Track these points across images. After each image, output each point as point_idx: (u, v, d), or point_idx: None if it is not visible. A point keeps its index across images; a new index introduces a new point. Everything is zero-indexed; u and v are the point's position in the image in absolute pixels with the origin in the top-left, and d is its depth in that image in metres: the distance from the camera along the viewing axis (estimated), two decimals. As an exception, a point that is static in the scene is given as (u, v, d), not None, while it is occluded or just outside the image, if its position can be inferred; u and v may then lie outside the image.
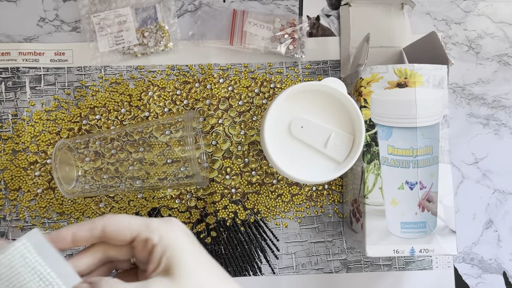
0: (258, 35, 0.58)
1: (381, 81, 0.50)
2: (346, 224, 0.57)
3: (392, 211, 0.49)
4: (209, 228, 0.57)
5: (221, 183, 0.58)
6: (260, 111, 0.59)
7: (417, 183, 0.49)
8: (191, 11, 0.60)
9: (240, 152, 0.58)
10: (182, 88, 0.58)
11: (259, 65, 0.59)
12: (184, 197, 0.57)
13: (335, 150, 0.48)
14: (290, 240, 0.58)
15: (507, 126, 0.61)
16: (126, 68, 0.58)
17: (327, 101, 0.49)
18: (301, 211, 0.58)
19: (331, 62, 0.60)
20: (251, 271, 0.57)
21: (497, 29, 0.62)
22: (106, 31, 0.57)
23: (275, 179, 0.58)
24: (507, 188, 0.60)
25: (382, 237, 0.49)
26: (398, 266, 0.58)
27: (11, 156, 0.56)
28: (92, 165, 0.53)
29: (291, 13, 0.60)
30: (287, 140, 0.48)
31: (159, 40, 0.57)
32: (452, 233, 0.49)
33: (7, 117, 0.57)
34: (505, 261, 0.59)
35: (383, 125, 0.50)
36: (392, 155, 0.49)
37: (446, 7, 0.62)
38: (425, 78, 0.49)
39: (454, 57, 0.61)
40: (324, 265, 0.58)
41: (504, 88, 0.61)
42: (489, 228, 0.60)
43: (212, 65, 0.59)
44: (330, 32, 0.60)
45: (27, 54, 0.57)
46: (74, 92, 0.58)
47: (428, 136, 0.49)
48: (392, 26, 0.59)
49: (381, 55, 0.59)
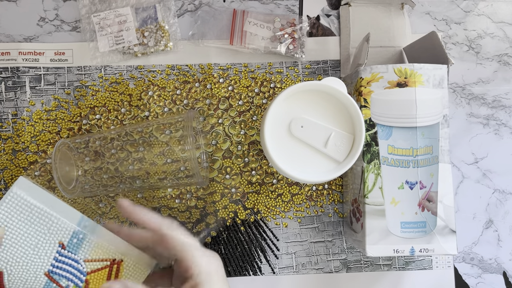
0: (258, 35, 0.58)
1: (381, 81, 0.50)
2: (346, 224, 0.57)
3: (392, 211, 0.49)
4: (209, 228, 0.57)
5: (221, 182, 0.58)
6: (260, 111, 0.59)
7: (417, 182, 0.49)
8: (191, 11, 0.60)
9: (240, 152, 0.58)
10: (182, 88, 0.58)
11: (259, 65, 0.59)
12: (184, 196, 0.57)
13: (335, 149, 0.48)
14: (290, 240, 0.58)
15: (507, 126, 0.61)
16: (126, 67, 0.58)
17: (327, 101, 0.49)
18: (301, 210, 0.58)
19: (331, 62, 0.60)
20: (251, 270, 0.57)
21: (497, 29, 0.62)
22: (106, 31, 0.57)
23: (275, 179, 0.58)
24: (507, 188, 0.60)
25: (382, 236, 0.49)
26: (398, 266, 0.58)
27: (11, 156, 0.56)
28: (92, 165, 0.53)
29: (291, 13, 0.60)
30: (287, 139, 0.48)
31: (159, 40, 0.57)
32: (452, 233, 0.49)
33: (7, 116, 0.57)
34: (505, 261, 0.59)
35: (383, 125, 0.50)
36: (392, 155, 0.49)
37: (446, 7, 0.62)
38: (425, 78, 0.49)
39: (454, 57, 0.61)
40: (324, 265, 0.58)
41: (504, 88, 0.61)
42: (489, 228, 0.60)
43: (212, 65, 0.59)
44: (330, 32, 0.60)
45: (27, 53, 0.57)
46: (74, 92, 0.58)
47: (428, 136, 0.49)
48: (392, 26, 0.60)
49: (381, 55, 0.59)
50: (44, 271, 0.39)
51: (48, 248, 0.39)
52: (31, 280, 0.39)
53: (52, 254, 0.39)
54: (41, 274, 0.39)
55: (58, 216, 0.39)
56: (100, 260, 0.41)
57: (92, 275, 0.40)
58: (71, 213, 0.40)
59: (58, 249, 0.39)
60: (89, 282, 0.40)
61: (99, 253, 0.41)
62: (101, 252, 0.41)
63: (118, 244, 0.41)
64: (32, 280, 0.39)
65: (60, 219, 0.39)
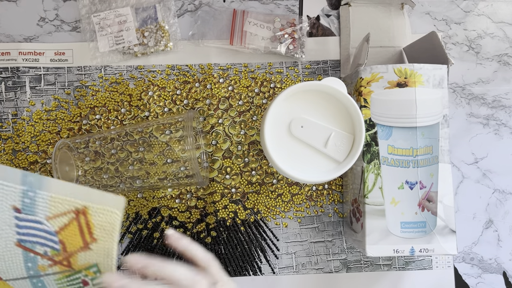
0: (258, 35, 0.58)
1: (381, 81, 0.50)
2: (346, 224, 0.57)
3: (392, 211, 0.49)
4: (209, 227, 0.57)
5: (221, 182, 0.58)
6: (260, 111, 0.59)
7: (417, 182, 0.49)
8: (191, 11, 0.60)
9: (240, 152, 0.58)
10: (182, 88, 0.58)
11: (259, 65, 0.59)
12: (184, 196, 0.57)
13: (335, 149, 0.48)
14: (290, 240, 0.58)
15: (507, 126, 0.61)
16: (126, 68, 0.58)
17: (327, 101, 0.49)
18: (301, 210, 0.58)
19: (331, 62, 0.60)
20: (251, 270, 0.57)
21: (497, 29, 0.62)
22: (106, 31, 0.57)
23: (275, 179, 0.58)
24: (507, 188, 0.60)
25: (382, 236, 0.49)
26: (398, 266, 0.58)
27: (11, 156, 0.56)
28: (92, 165, 0.53)
29: (291, 13, 0.60)
30: (287, 140, 0.48)
31: (159, 40, 0.57)
32: (452, 233, 0.49)
33: (7, 117, 0.57)
34: (505, 261, 0.59)
35: (383, 125, 0.50)
36: (392, 155, 0.49)
37: (446, 7, 0.62)
38: (425, 78, 0.49)
39: (454, 57, 0.61)
40: (324, 265, 0.58)
41: (504, 88, 0.61)
42: (489, 228, 0.60)
43: (212, 65, 0.59)
44: (330, 32, 0.60)
45: (27, 54, 0.57)
46: (74, 92, 0.58)
47: (428, 136, 0.49)
48: (392, 26, 0.60)
49: (381, 55, 0.59)
50: (14, 242, 0.36)
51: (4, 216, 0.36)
52: (6, 256, 0.37)
53: (12, 221, 0.36)
54: (12, 246, 0.36)
55: None
56: (62, 214, 0.36)
57: (63, 234, 0.37)
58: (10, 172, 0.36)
59: (15, 215, 0.36)
60: (64, 242, 0.37)
61: (58, 207, 0.36)
62: (60, 206, 0.36)
63: (74, 192, 0.37)
64: (8, 255, 0.37)
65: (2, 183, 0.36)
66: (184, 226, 0.57)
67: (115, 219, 0.37)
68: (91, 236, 0.37)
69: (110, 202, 0.37)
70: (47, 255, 0.37)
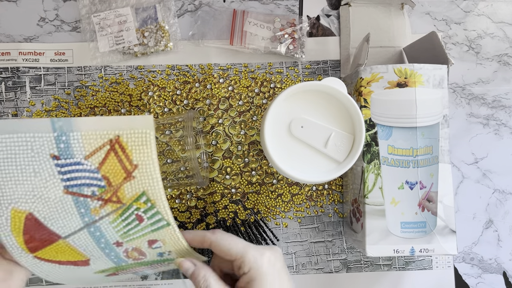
0: (258, 35, 0.58)
1: (381, 81, 0.50)
2: (346, 224, 0.57)
3: (392, 211, 0.49)
4: (209, 228, 0.57)
5: (221, 183, 0.58)
6: (260, 111, 0.59)
7: (417, 182, 0.49)
8: (191, 11, 0.60)
9: (240, 152, 0.58)
10: (182, 88, 0.58)
11: (259, 65, 0.59)
12: (184, 197, 0.57)
13: (335, 150, 0.48)
14: (290, 240, 0.58)
15: (507, 126, 0.61)
16: (126, 68, 0.58)
17: (327, 101, 0.49)
18: (301, 211, 0.58)
19: (331, 62, 0.60)
20: (251, 271, 0.57)
21: (497, 29, 0.62)
22: (106, 31, 0.57)
23: (275, 179, 0.58)
24: (507, 188, 0.60)
25: (382, 237, 0.49)
26: (398, 266, 0.58)
27: (11, 156, 0.56)
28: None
29: (291, 13, 0.60)
30: (287, 140, 0.48)
31: (159, 40, 0.57)
32: (452, 233, 0.49)
33: (7, 117, 0.57)
34: (505, 261, 0.59)
35: (383, 125, 0.50)
36: (392, 155, 0.49)
37: (446, 7, 0.62)
38: (425, 78, 0.49)
39: (454, 57, 0.61)
40: (324, 265, 0.58)
41: (504, 88, 0.61)
42: (489, 228, 0.60)
43: (212, 65, 0.59)
44: (330, 32, 0.60)
45: (27, 54, 0.57)
46: (74, 92, 0.58)
47: (428, 136, 0.49)
48: (392, 26, 0.60)
49: (381, 55, 0.59)
50: (62, 190, 0.37)
51: (46, 167, 0.36)
52: (59, 207, 0.37)
53: (54, 170, 0.36)
54: (61, 195, 0.37)
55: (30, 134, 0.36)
56: (98, 149, 0.37)
57: (104, 169, 0.37)
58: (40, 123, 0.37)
59: (55, 162, 0.36)
60: (107, 177, 0.37)
61: (92, 143, 0.36)
62: (93, 141, 0.36)
63: (103, 124, 0.37)
64: (60, 206, 0.37)
65: (34, 136, 0.36)
66: (184, 227, 0.57)
67: (149, 138, 0.37)
68: (130, 164, 0.37)
69: (139, 123, 0.37)
70: (96, 195, 0.37)
